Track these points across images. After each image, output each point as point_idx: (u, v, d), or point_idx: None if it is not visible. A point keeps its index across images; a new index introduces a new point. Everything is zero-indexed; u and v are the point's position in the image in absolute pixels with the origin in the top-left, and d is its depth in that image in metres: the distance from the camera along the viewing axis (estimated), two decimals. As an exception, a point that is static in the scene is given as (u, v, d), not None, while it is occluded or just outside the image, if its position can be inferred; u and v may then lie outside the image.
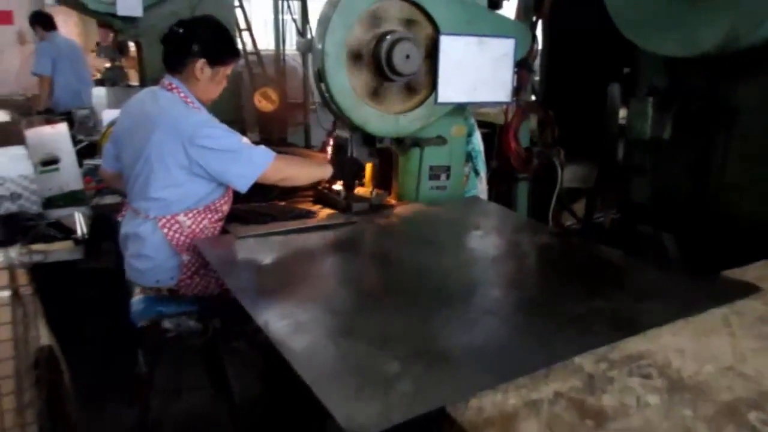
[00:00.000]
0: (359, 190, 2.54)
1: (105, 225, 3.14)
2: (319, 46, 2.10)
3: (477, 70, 2.34)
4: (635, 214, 2.39)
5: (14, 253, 1.84)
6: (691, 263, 2.12)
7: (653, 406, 1.11)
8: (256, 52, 10.25)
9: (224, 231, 2.20)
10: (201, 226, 2.12)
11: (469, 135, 2.67)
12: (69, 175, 3.49)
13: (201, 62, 2.09)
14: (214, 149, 2.00)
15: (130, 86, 6.08)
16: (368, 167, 2.58)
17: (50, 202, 3.37)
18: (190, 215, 2.10)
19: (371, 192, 2.51)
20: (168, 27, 2.11)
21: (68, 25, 9.48)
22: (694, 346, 1.31)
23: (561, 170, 2.69)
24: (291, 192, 2.57)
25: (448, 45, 2.25)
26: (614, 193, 3.01)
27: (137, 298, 2.18)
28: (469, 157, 2.69)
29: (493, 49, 2.35)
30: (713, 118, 2.08)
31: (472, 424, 1.07)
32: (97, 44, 7.72)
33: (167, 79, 2.13)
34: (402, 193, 2.53)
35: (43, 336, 2.02)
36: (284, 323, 1.44)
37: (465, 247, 2.02)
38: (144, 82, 7.12)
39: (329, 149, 2.63)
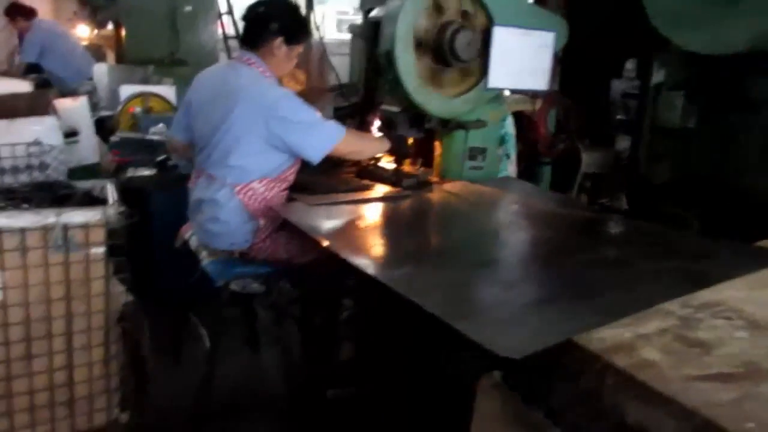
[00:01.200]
0: (405, 167, 2.72)
1: (139, 197, 3.23)
2: (390, 30, 2.26)
3: (521, 59, 2.55)
4: (658, 195, 2.65)
5: (112, 210, 1.95)
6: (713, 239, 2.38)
7: (743, 338, 1.34)
8: (237, 35, 10.25)
9: (290, 199, 2.35)
10: (272, 193, 2.27)
11: (503, 120, 2.88)
12: (87, 148, 3.56)
13: (279, 40, 2.24)
14: (292, 121, 2.15)
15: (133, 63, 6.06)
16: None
17: (70, 174, 3.43)
18: (264, 182, 2.24)
19: (417, 169, 2.70)
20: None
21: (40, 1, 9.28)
22: (759, 296, 1.55)
23: (583, 156, 2.93)
24: (337, 165, 2.73)
25: (500, 35, 2.45)
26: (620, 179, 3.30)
27: (209, 261, 2.31)
28: (502, 141, 2.90)
29: (535, 40, 2.56)
30: (736, 109, 2.35)
31: (599, 350, 1.28)
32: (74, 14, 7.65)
33: (245, 55, 2.27)
34: (444, 171, 2.72)
35: (126, 292, 2.13)
36: (398, 272, 1.62)
37: (521, 218, 2.23)
38: (122, 61, 7.10)
39: (374, 126, 2.79)
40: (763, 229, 2.30)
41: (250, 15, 2.26)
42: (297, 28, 2.29)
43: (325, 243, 1.88)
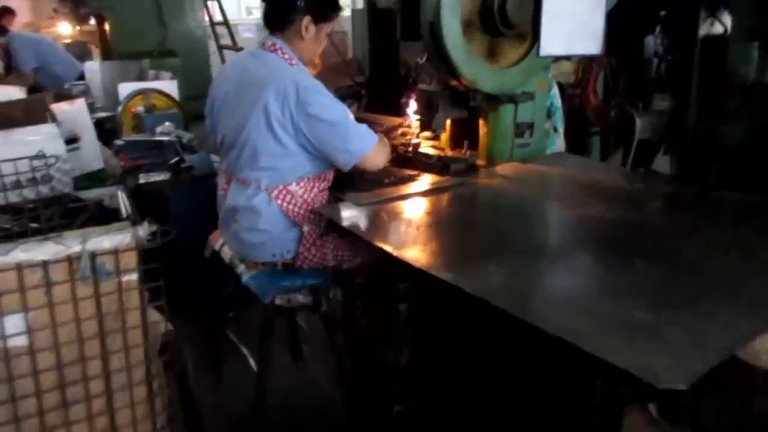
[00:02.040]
0: (450, 151, 2.47)
1: (155, 203, 2.98)
2: (432, -1, 1.99)
3: (574, 21, 2.27)
4: (733, 158, 2.41)
5: (142, 231, 1.70)
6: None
7: None
8: (225, 21, 9.90)
9: (334, 198, 2.10)
10: (312, 194, 2.02)
11: (549, 90, 2.63)
12: (90, 154, 3.31)
13: (306, 19, 1.97)
14: (321, 118, 1.89)
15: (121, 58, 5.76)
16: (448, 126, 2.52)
17: (75, 184, 3.18)
18: (302, 184, 1.99)
19: (464, 152, 2.45)
20: None
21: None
22: None
23: (637, 121, 2.68)
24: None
25: (551, -6, 2.18)
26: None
27: (250, 275, 2.07)
28: (549, 113, 2.65)
29: (587, -2, 2.29)
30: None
31: (772, 367, 1.05)
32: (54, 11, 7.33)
33: (269, 39, 2.00)
34: (491, 152, 2.47)
35: (164, 319, 1.90)
36: (482, 278, 1.39)
37: (596, 201, 1.98)
38: (109, 58, 6.79)
39: (410, 107, 2.53)
40: None
41: (273, -7, 1.99)
42: (326, 3, 2.01)
43: (387, 248, 1.64)
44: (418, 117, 2.50)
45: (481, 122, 2.47)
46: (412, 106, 2.51)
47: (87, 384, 1.76)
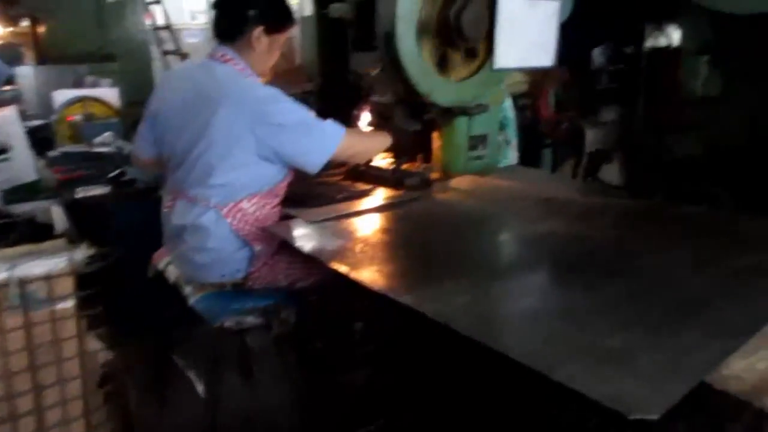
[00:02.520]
0: (403, 165, 2.42)
1: (94, 218, 2.82)
2: (389, 9, 1.94)
3: (528, 34, 2.26)
4: (683, 170, 2.44)
5: (80, 254, 1.58)
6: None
7: None
8: (168, 26, 9.63)
9: (284, 216, 2.02)
10: (264, 212, 1.94)
11: (502, 103, 2.61)
12: (22, 165, 3.14)
13: (258, 30, 1.88)
14: (284, 126, 1.82)
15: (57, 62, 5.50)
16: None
17: (5, 197, 3.00)
18: (254, 201, 1.91)
19: (418, 165, 2.40)
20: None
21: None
22: None
23: (587, 134, 2.70)
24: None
25: (505, 6, 2.15)
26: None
27: (198, 297, 1.96)
28: (502, 126, 2.64)
29: (541, 11, 2.27)
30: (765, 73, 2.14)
31: (741, 393, 1.03)
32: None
33: (220, 50, 1.91)
34: (446, 165, 2.43)
35: (104, 348, 1.77)
36: (447, 307, 1.33)
37: (555, 215, 1.96)
38: (43, 62, 6.48)
39: (361, 119, 2.46)
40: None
41: (222, 1, 1.90)
42: (279, 14, 1.93)
43: (343, 269, 1.57)
44: (371, 129, 2.44)
45: (434, 135, 2.43)
46: (365, 118, 2.45)
47: (17, 423, 1.62)
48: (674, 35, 3.19)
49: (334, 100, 3.37)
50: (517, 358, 1.15)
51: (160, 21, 9.87)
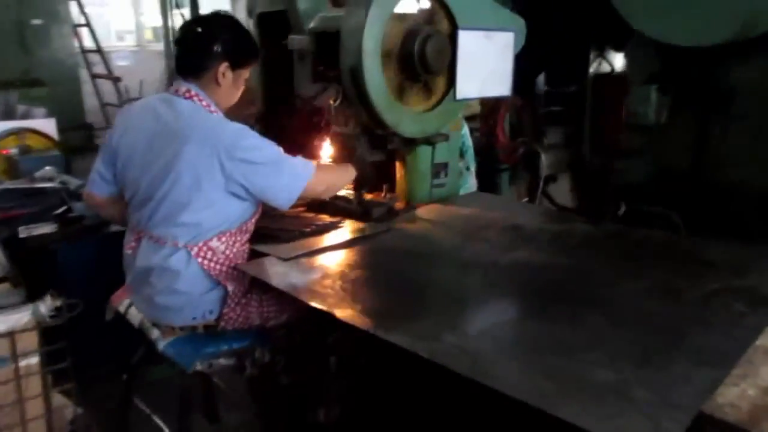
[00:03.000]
0: (367, 196, 2.41)
1: (40, 259, 2.68)
2: (354, 42, 1.94)
3: (486, 64, 2.32)
4: (633, 194, 2.55)
5: (44, 307, 1.49)
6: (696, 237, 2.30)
7: None
8: (99, 49, 9.32)
9: (253, 252, 1.98)
10: (234, 249, 1.89)
11: (460, 130, 2.66)
12: None
13: (224, 66, 1.85)
14: (255, 162, 1.79)
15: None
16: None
17: None
18: (223, 239, 1.86)
19: (384, 195, 2.40)
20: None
21: None
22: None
23: (544, 158, 2.78)
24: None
25: (465, 40, 2.20)
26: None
27: (167, 342, 1.88)
28: (461, 153, 2.68)
29: (497, 42, 2.33)
30: (711, 101, 2.28)
31: (739, 422, 1.07)
32: None
33: (183, 85, 1.85)
34: (409, 194, 2.45)
35: (72, 403, 1.67)
36: (441, 345, 1.34)
37: (525, 243, 2.00)
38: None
39: (323, 150, 2.45)
40: (748, 225, 2.26)
41: (186, 36, 1.85)
42: (244, 49, 1.90)
43: (323, 307, 1.55)
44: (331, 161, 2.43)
45: (398, 164, 2.44)
46: (326, 149, 2.43)
47: (-20, 492, 1.50)
48: (617, 62, 3.34)
49: (278, 126, 3.34)
50: (519, 396, 1.16)
51: (88, 43, 9.55)
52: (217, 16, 1.89)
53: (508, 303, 1.58)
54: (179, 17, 5.89)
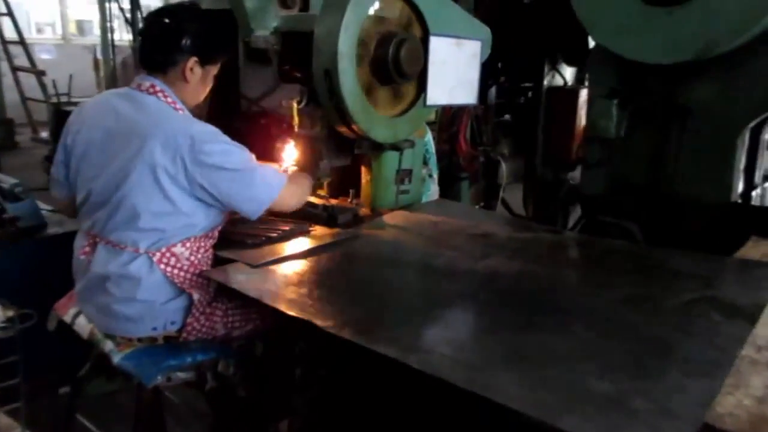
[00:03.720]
0: (333, 200, 2.35)
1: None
2: (329, 44, 1.88)
3: (455, 71, 2.31)
4: (592, 205, 2.60)
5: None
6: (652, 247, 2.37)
7: None
8: (22, 41, 8.81)
9: (216, 258, 1.88)
10: (199, 255, 1.79)
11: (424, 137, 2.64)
12: None
13: (192, 60, 1.75)
14: (222, 168, 1.69)
15: None
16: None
17: None
18: (188, 245, 1.75)
19: (350, 202, 2.35)
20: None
21: None
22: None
23: (503, 167, 2.80)
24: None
25: (436, 46, 2.19)
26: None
27: (123, 354, 1.75)
28: (425, 160, 2.66)
29: (465, 50, 2.33)
30: (668, 116, 2.35)
31: (746, 431, 1.09)
32: None
33: (147, 80, 1.74)
34: (374, 200, 2.40)
35: (22, 426, 1.52)
36: (433, 356, 1.30)
37: (496, 251, 1.99)
38: None
39: (286, 153, 2.36)
40: (701, 238, 2.34)
41: (151, 28, 1.73)
42: (214, 44, 1.80)
43: (300, 315, 1.48)
44: (294, 165, 2.35)
45: (363, 170, 2.39)
46: (289, 152, 2.35)
47: None
48: (566, 74, 3.42)
49: (228, 129, 3.24)
50: (521, 409, 1.13)
51: (9, 34, 9.00)
52: (186, 7, 1.79)
53: (493, 312, 1.55)
54: (116, 10, 5.62)
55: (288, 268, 1.79)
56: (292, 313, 1.51)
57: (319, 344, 1.87)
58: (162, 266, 1.70)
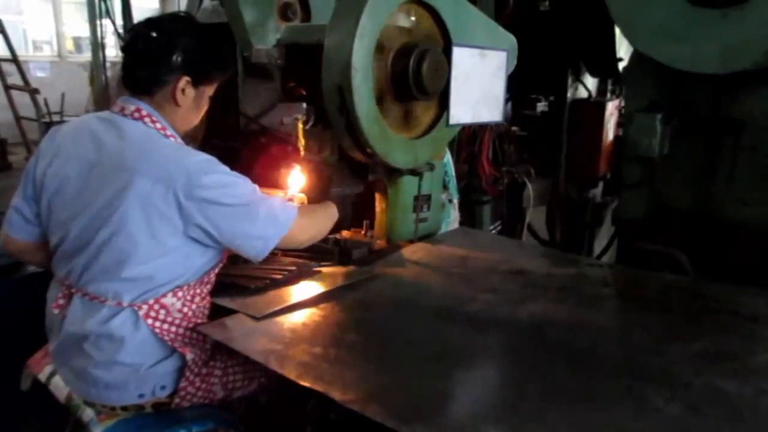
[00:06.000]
0: (345, 233, 2.09)
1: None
2: (341, 57, 1.63)
3: (480, 86, 2.06)
4: (631, 231, 2.34)
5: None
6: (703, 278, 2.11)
7: None
8: (14, 59, 8.60)
9: (214, 308, 1.62)
10: (193, 306, 1.53)
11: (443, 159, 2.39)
12: None
13: (184, 80, 1.49)
14: (222, 203, 1.43)
15: None
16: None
17: None
18: (181, 293, 1.49)
19: (365, 234, 2.09)
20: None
21: None
22: None
23: (530, 189, 2.54)
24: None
25: (460, 58, 1.94)
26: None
27: (107, 426, 1.48)
28: (444, 184, 2.40)
29: (490, 62, 2.08)
30: (718, 131, 2.10)
31: None
32: None
33: (131, 103, 1.48)
34: (391, 231, 2.14)
35: None
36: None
37: (531, 292, 1.72)
38: None
39: (292, 180, 2.10)
40: (756, 268, 2.08)
41: (136, 42, 1.48)
42: (209, 61, 1.54)
43: (316, 387, 1.23)
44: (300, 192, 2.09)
45: (378, 197, 2.13)
46: (296, 178, 2.09)
47: None
48: (589, 86, 3.17)
49: (227, 150, 3.00)
50: None
51: (2, 52, 8.78)
52: (177, 19, 1.53)
53: (546, 379, 1.28)
54: (108, 26, 5.39)
55: (297, 319, 1.53)
56: (305, 383, 1.25)
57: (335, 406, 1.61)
58: (150, 321, 1.44)
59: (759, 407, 1.16)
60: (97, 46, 5.47)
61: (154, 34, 1.46)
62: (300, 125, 2.06)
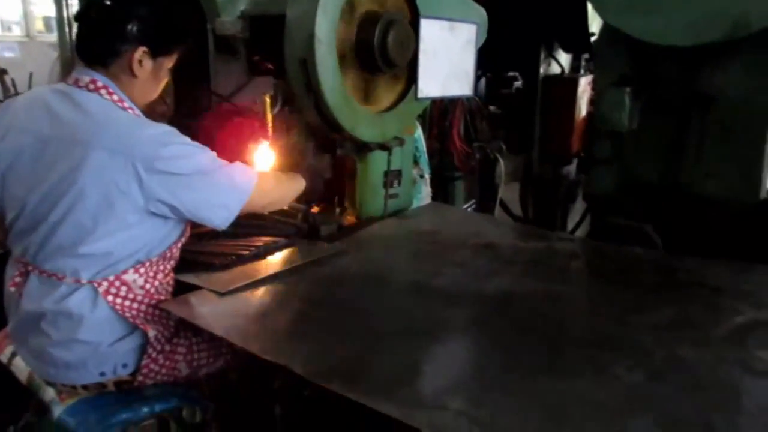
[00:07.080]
0: (315, 208, 2.07)
1: None
2: (304, 29, 1.60)
3: (449, 59, 2.03)
4: (602, 206, 2.35)
5: None
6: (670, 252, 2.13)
7: None
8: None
9: (178, 284, 1.59)
10: (156, 283, 1.49)
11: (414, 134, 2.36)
12: None
13: (140, 51, 1.44)
14: (182, 174, 1.40)
15: None
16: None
17: None
18: (142, 270, 1.46)
19: (335, 209, 2.07)
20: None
21: None
22: None
23: (501, 165, 2.53)
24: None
25: (428, 30, 1.91)
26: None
27: (65, 407, 1.45)
28: (415, 159, 2.38)
29: (460, 35, 2.06)
30: (688, 106, 2.10)
31: None
32: None
33: (86, 74, 1.43)
34: (361, 206, 2.12)
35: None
36: (442, 413, 1.03)
37: (500, 267, 1.72)
38: None
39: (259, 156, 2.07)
40: (725, 241, 2.10)
41: (90, 12, 1.42)
42: (167, 31, 1.49)
43: (278, 361, 1.21)
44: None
45: (347, 173, 2.11)
46: (265, 155, 2.06)
47: None
48: (562, 61, 3.16)
49: (197, 129, 2.94)
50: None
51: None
52: (133, -12, 1.48)
53: (510, 349, 1.28)
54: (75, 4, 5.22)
55: (262, 295, 1.52)
56: (267, 357, 1.23)
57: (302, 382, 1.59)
58: (110, 298, 1.40)
59: (719, 374, 1.17)
60: (63, 22, 5.31)
61: (108, 2, 1.41)
62: (267, 99, 2.02)
